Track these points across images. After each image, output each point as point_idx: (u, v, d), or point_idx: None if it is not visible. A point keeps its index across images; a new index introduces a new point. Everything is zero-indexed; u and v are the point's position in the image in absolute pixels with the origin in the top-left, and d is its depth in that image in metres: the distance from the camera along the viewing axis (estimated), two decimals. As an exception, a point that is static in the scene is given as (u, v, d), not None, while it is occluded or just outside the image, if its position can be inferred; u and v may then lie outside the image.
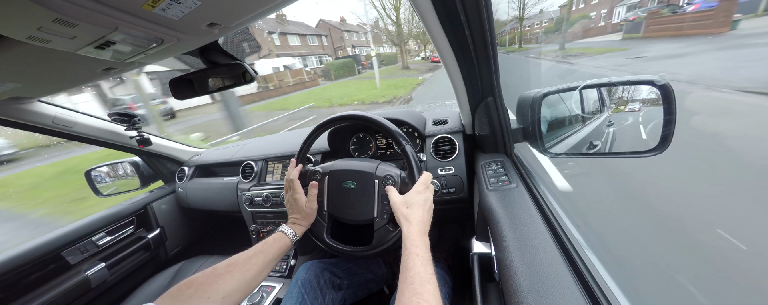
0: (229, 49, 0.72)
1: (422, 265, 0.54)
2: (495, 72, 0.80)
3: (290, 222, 0.78)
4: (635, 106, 0.88)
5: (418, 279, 0.52)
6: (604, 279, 0.44)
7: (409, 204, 0.67)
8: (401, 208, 0.67)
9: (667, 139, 0.66)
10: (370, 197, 0.77)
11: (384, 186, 0.75)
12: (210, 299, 0.53)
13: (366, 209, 0.77)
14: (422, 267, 0.54)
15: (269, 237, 0.72)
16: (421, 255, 0.56)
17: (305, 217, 0.79)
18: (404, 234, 0.62)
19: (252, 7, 0.50)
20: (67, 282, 1.07)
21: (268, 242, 0.70)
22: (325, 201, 0.82)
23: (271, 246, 0.69)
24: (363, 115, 0.79)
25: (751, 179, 2.01)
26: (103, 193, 1.43)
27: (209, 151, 1.70)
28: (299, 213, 0.79)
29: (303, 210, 0.79)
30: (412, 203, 0.67)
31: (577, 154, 0.90)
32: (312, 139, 0.87)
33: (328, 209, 0.82)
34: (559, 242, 0.52)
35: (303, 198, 0.80)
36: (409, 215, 0.65)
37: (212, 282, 0.56)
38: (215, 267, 0.60)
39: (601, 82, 0.80)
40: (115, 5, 0.38)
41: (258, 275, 0.63)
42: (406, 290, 0.51)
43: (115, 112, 1.20)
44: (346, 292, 0.93)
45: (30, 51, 0.51)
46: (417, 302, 0.48)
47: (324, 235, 0.81)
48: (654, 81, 0.66)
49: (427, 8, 0.58)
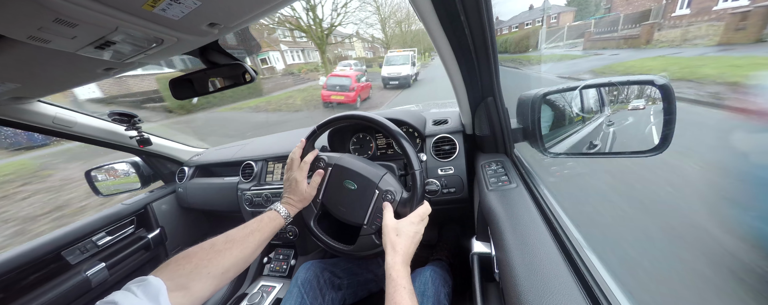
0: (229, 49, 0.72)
1: (409, 298, 0.56)
2: (495, 72, 0.80)
3: (284, 202, 0.78)
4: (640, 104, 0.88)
5: None
6: (604, 279, 0.44)
7: (400, 233, 0.67)
8: (391, 234, 0.67)
9: (667, 139, 0.66)
10: (365, 204, 0.77)
11: (382, 200, 0.74)
12: (210, 274, 0.55)
13: (358, 213, 0.77)
14: (410, 301, 0.55)
15: (263, 215, 0.72)
16: (408, 288, 0.58)
17: (301, 200, 0.80)
18: (388, 263, 0.62)
19: (252, 7, 0.50)
20: (67, 282, 1.07)
21: (263, 220, 0.71)
22: (321, 190, 0.83)
23: (267, 225, 0.70)
24: (364, 114, 0.80)
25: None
26: (103, 193, 1.43)
27: (209, 151, 1.70)
28: (296, 195, 0.79)
29: (301, 193, 0.79)
30: (403, 233, 0.67)
31: (577, 154, 0.90)
32: (312, 139, 0.87)
33: (323, 199, 0.83)
34: (559, 242, 0.52)
35: (305, 183, 0.80)
36: (397, 244, 0.64)
37: (212, 258, 0.57)
38: (213, 242, 0.61)
39: (601, 81, 0.80)
40: (115, 5, 0.38)
41: (254, 252, 0.65)
42: None
43: (115, 112, 1.20)
44: (346, 292, 0.93)
45: (30, 51, 0.51)
46: None
47: (311, 221, 0.82)
48: (654, 81, 0.66)
49: (427, 8, 0.58)
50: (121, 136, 1.29)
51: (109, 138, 1.26)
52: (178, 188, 1.57)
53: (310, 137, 0.86)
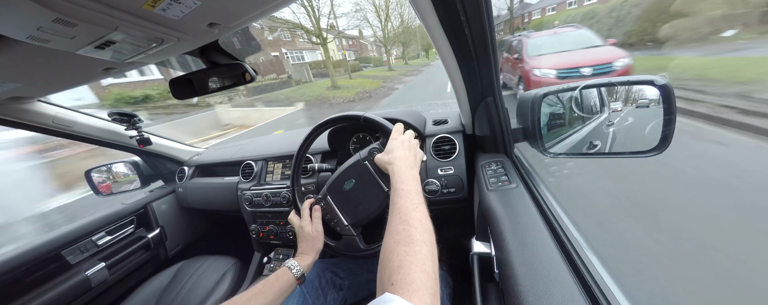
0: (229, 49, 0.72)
1: (408, 198, 0.56)
2: (495, 72, 0.80)
3: (297, 256, 0.76)
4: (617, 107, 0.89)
5: (405, 209, 0.54)
6: (604, 279, 0.44)
7: (389, 151, 0.70)
8: (383, 158, 0.70)
9: (667, 139, 0.66)
10: (372, 180, 0.77)
11: (374, 161, 0.76)
12: None
13: (376, 192, 0.76)
14: (408, 200, 0.56)
15: (272, 275, 0.68)
16: (407, 189, 0.58)
17: (312, 245, 0.77)
18: (391, 176, 0.64)
19: (252, 7, 0.50)
20: (67, 282, 1.07)
21: (269, 281, 0.66)
22: (341, 217, 0.80)
23: (273, 285, 0.65)
24: (363, 115, 0.80)
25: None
26: (103, 193, 1.43)
27: (209, 151, 1.70)
28: (306, 241, 0.77)
29: (309, 235, 0.77)
30: (391, 148, 0.70)
31: (577, 154, 0.89)
32: (311, 140, 0.87)
33: (349, 220, 0.80)
34: (559, 242, 0.52)
35: (308, 224, 0.79)
36: (391, 158, 0.67)
37: None
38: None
39: (601, 81, 0.80)
40: (115, 5, 0.38)
41: None
42: (393, 220, 0.54)
43: (115, 111, 1.20)
44: (348, 292, 0.93)
45: (30, 51, 0.51)
46: (403, 228, 0.50)
47: (359, 245, 0.79)
48: (654, 81, 0.66)
49: (427, 8, 0.58)
50: (121, 136, 1.29)
51: (109, 138, 1.26)
52: (178, 188, 1.57)
53: (310, 137, 0.86)
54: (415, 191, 0.58)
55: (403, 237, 0.49)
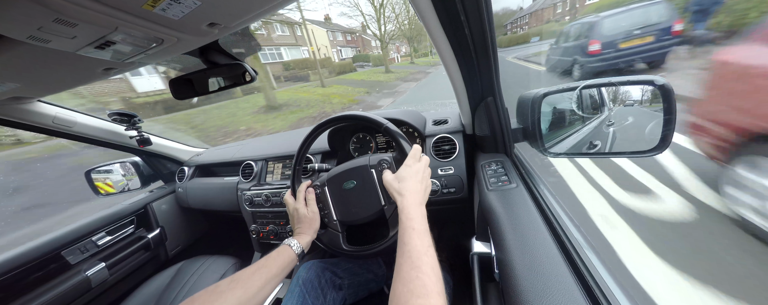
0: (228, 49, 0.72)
1: (418, 238, 0.54)
2: (495, 72, 0.80)
3: (295, 234, 0.77)
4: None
5: (416, 252, 0.52)
6: (604, 279, 0.44)
7: (401, 179, 0.67)
8: (393, 184, 0.67)
9: (667, 139, 0.66)
10: (372, 188, 0.76)
11: (381, 173, 0.75)
12: None
13: (372, 202, 0.76)
14: (418, 241, 0.54)
15: (273, 251, 0.69)
16: (418, 229, 0.56)
17: (309, 225, 0.78)
18: (399, 209, 0.62)
19: (252, 7, 0.50)
20: (67, 282, 1.07)
21: (271, 256, 0.67)
22: (332, 210, 0.81)
23: (275, 260, 0.67)
24: (362, 114, 0.80)
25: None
26: (103, 193, 1.43)
27: (209, 151, 1.70)
28: (303, 221, 0.78)
29: (305, 216, 0.78)
30: (403, 177, 0.67)
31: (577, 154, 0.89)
32: (311, 140, 0.87)
33: (338, 217, 0.80)
34: (559, 242, 0.52)
35: (303, 207, 0.79)
36: (402, 189, 0.65)
37: (214, 301, 0.55)
38: (218, 284, 0.59)
39: (601, 81, 0.80)
40: (115, 5, 0.38)
41: (259, 291, 0.61)
42: (404, 264, 0.51)
43: (115, 111, 1.20)
44: (347, 292, 0.93)
45: (30, 51, 0.51)
46: (415, 275, 0.48)
47: (341, 244, 0.79)
48: (654, 81, 0.66)
49: (427, 8, 0.58)
50: (121, 136, 1.29)
51: (109, 138, 1.26)
52: (177, 188, 1.57)
53: (310, 137, 0.86)
54: (424, 231, 0.56)
55: (418, 287, 0.47)
